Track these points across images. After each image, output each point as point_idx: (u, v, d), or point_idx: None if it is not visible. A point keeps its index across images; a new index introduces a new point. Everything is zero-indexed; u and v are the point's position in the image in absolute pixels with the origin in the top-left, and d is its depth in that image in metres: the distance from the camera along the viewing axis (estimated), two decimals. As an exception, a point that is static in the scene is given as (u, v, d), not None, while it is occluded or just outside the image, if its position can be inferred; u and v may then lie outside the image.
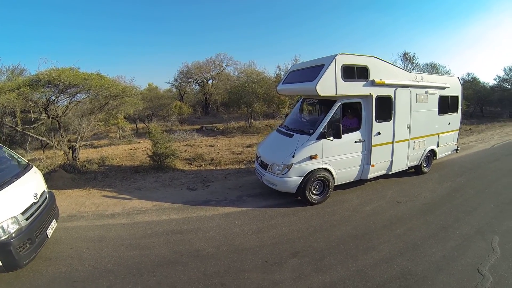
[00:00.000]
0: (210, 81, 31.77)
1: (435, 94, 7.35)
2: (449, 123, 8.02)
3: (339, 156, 5.74)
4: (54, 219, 4.30)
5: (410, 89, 6.65)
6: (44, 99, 7.94)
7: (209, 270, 3.65)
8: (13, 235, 3.29)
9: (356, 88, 5.72)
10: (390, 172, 6.70)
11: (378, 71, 5.94)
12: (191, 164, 9.01)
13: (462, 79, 27.44)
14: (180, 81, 31.88)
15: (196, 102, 32.71)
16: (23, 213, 3.55)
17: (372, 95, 5.93)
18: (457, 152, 8.84)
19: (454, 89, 8.00)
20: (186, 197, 6.18)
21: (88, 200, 6.13)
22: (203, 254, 4.01)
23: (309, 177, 5.45)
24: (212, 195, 6.27)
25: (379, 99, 6.06)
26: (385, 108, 6.24)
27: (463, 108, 10.33)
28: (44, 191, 4.36)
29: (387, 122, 6.30)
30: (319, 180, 5.64)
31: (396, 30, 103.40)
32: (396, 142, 6.51)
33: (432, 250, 4.06)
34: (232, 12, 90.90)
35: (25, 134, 8.40)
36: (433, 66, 27.53)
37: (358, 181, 6.44)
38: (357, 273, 3.56)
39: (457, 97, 8.19)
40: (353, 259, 3.87)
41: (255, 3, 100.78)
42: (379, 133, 6.14)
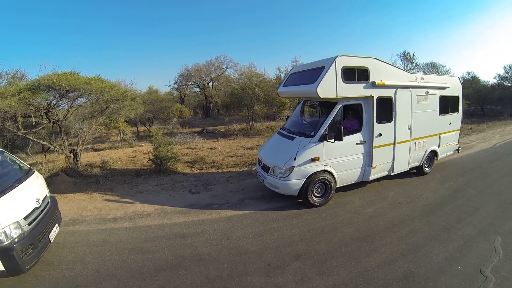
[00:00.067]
0: (211, 84, 31.81)
1: (436, 94, 7.35)
2: (450, 123, 8.01)
3: (341, 158, 5.73)
4: (57, 224, 4.33)
5: (411, 90, 6.65)
6: (45, 104, 7.94)
7: (212, 274, 3.65)
8: (16, 240, 3.31)
9: (357, 90, 5.71)
10: (392, 174, 6.69)
11: (379, 72, 5.94)
12: (193, 167, 9.01)
13: (462, 78, 27.39)
14: (181, 84, 31.90)
15: (197, 105, 32.73)
16: (26, 218, 3.57)
17: (373, 97, 5.92)
18: (459, 152, 8.82)
19: (455, 89, 7.99)
20: (188, 201, 6.18)
21: (90, 204, 6.15)
22: (206, 258, 4.01)
23: (311, 180, 5.45)
24: (214, 199, 6.27)
25: (380, 101, 6.05)
26: (386, 109, 6.23)
27: (464, 108, 10.32)
28: (46, 196, 4.38)
29: (388, 123, 6.29)
30: (321, 183, 5.64)
31: (395, 30, 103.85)
32: (398, 143, 6.50)
33: (435, 252, 4.06)
34: (231, 13, 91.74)
35: (27, 138, 8.43)
36: (433, 66, 27.60)
37: (360, 183, 6.43)
38: (360, 276, 3.56)
39: (458, 97, 8.19)
40: (356, 262, 3.86)
41: (254, 4, 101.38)
42: (380, 135, 6.13)
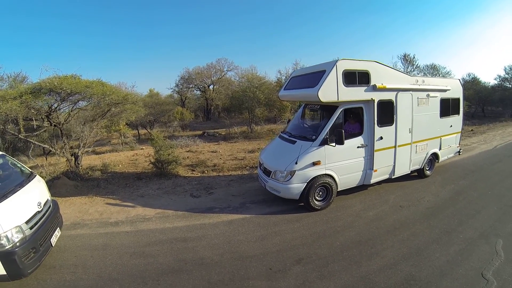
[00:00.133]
0: (211, 86, 31.76)
1: (437, 97, 7.36)
2: (451, 126, 8.01)
3: (342, 162, 5.73)
4: (58, 228, 4.33)
5: (412, 93, 6.66)
6: (46, 107, 7.97)
7: (214, 278, 3.64)
8: (18, 244, 3.31)
9: (358, 93, 5.72)
10: (393, 177, 6.68)
11: (379, 76, 5.96)
12: (194, 171, 9.01)
13: (463, 80, 27.33)
14: (181, 87, 31.90)
15: (198, 108, 32.62)
16: (27, 222, 3.58)
17: (374, 100, 5.93)
18: (460, 154, 8.81)
19: (455, 91, 8.00)
20: (190, 204, 6.18)
21: (92, 208, 6.15)
22: (208, 262, 4.01)
23: (312, 183, 5.45)
24: (216, 202, 6.26)
25: (381, 104, 6.07)
26: (387, 113, 6.24)
27: (465, 109, 10.31)
28: (48, 200, 4.39)
29: (389, 127, 6.29)
30: (322, 186, 5.63)
31: (395, 31, 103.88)
32: (399, 146, 6.50)
33: (436, 255, 4.05)
34: (232, 15, 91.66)
35: (28, 141, 8.43)
36: (433, 67, 27.57)
37: (361, 186, 6.42)
38: (361, 280, 3.55)
39: (459, 99, 8.19)
40: (357, 265, 3.85)
41: (254, 5, 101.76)
42: (381, 138, 6.13)
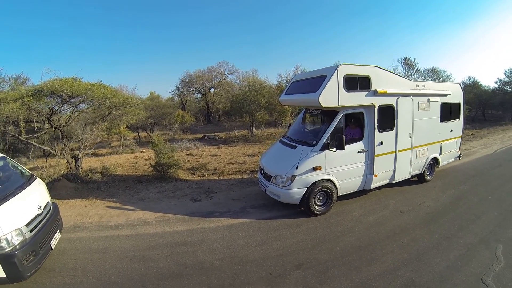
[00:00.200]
0: (212, 90, 31.85)
1: (437, 102, 7.37)
2: (451, 130, 8.01)
3: (342, 167, 5.73)
4: (58, 230, 4.32)
5: (412, 98, 6.67)
6: (47, 109, 7.99)
7: (214, 283, 3.63)
8: (18, 247, 3.31)
9: (359, 98, 5.73)
10: (393, 182, 6.67)
11: (380, 81, 5.97)
12: (194, 174, 9.00)
13: (463, 83, 27.34)
14: (182, 90, 31.97)
15: (198, 111, 32.70)
16: (27, 225, 3.58)
17: (375, 105, 5.94)
18: (460, 159, 8.81)
19: (456, 96, 8.01)
20: (190, 208, 6.16)
21: (92, 211, 6.14)
22: (208, 267, 3.99)
23: (313, 188, 5.44)
24: (216, 206, 6.25)
25: (382, 109, 6.08)
26: (388, 118, 6.25)
27: (465, 113, 10.31)
28: (48, 203, 4.38)
29: (390, 132, 6.30)
30: (323, 191, 5.63)
31: (395, 35, 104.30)
32: (399, 151, 6.51)
33: (436, 261, 4.04)
34: (232, 18, 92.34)
35: (28, 143, 8.44)
36: (434, 71, 27.67)
37: (361, 191, 6.41)
38: (361, 285, 3.54)
39: (459, 104, 8.20)
40: (357, 271, 3.84)
41: (255, 9, 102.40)
42: (382, 143, 6.14)
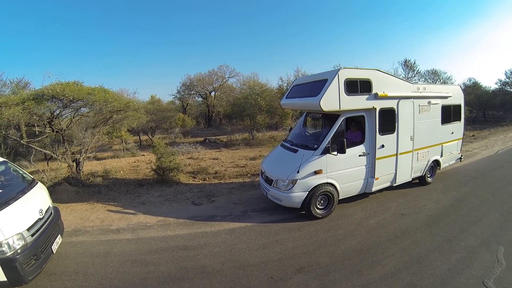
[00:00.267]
0: (213, 93, 31.91)
1: (438, 104, 7.37)
2: (452, 132, 8.00)
3: (344, 170, 5.72)
4: (59, 234, 4.32)
5: (413, 100, 6.67)
6: (49, 113, 8.01)
7: (215, 287, 3.61)
8: (19, 251, 3.31)
9: (360, 102, 5.73)
10: (394, 184, 6.66)
11: (381, 84, 5.97)
12: (195, 178, 9.00)
13: (464, 84, 27.32)
14: (183, 93, 32.01)
15: (199, 114, 32.69)
16: (29, 229, 3.59)
17: (376, 108, 5.94)
18: (461, 161, 8.78)
19: (457, 98, 8.01)
20: (191, 212, 6.15)
21: (93, 215, 6.14)
22: (209, 271, 3.98)
23: (314, 192, 5.43)
24: (217, 210, 6.24)
25: (383, 112, 6.07)
26: (389, 121, 6.25)
27: (466, 114, 10.28)
28: (49, 207, 4.39)
29: (391, 135, 6.29)
30: (324, 195, 5.62)
31: (395, 36, 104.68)
32: (400, 154, 6.50)
33: (437, 263, 4.02)
34: (233, 21, 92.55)
35: (30, 147, 8.45)
36: (434, 73, 27.59)
37: (362, 194, 6.39)
38: (363, 289, 3.51)
39: (460, 106, 8.20)
40: (358, 274, 3.83)
41: (255, 12, 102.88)
42: (383, 146, 6.13)
